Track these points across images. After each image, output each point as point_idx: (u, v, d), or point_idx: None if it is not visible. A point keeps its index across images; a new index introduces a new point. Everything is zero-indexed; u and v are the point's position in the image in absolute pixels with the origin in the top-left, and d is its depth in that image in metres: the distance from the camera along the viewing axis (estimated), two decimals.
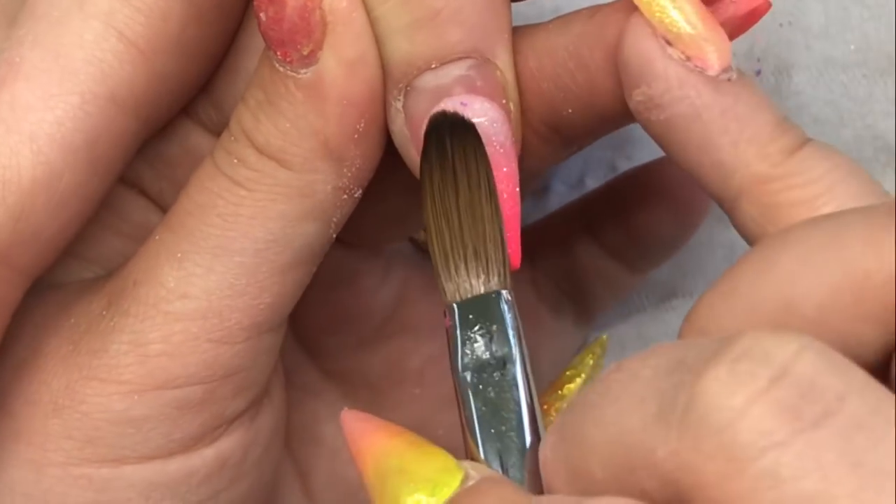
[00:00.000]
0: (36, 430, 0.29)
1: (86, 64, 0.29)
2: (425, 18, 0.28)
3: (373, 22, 0.28)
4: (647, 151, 0.39)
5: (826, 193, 0.27)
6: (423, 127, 0.28)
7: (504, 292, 0.28)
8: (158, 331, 0.29)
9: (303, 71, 0.28)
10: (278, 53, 0.28)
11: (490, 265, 0.28)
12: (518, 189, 0.29)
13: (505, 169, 0.29)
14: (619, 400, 0.23)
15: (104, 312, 0.30)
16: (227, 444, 0.30)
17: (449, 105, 0.28)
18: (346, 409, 0.27)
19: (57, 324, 0.30)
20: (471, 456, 0.28)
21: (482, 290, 0.28)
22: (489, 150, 0.28)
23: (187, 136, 0.32)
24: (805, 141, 0.28)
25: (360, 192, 0.29)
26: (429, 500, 0.25)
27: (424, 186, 0.28)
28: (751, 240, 0.28)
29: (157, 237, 0.30)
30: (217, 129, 0.31)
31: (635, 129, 0.39)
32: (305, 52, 0.28)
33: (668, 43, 0.27)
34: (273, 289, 0.29)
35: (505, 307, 0.28)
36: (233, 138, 0.29)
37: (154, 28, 0.29)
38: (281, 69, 0.28)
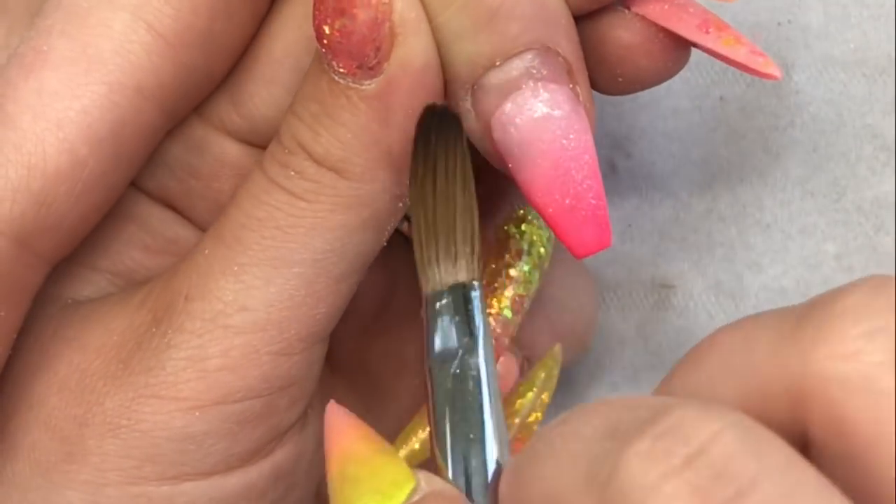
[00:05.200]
0: (91, 451, 0.29)
1: (114, 55, 0.29)
2: (485, 18, 0.28)
3: (435, 29, 0.28)
4: (646, 150, 0.39)
5: None
6: (494, 124, 0.29)
7: (474, 283, 0.28)
8: (218, 345, 0.29)
9: (366, 83, 0.28)
10: (341, 66, 0.28)
11: (459, 257, 0.28)
12: (599, 173, 0.29)
13: (587, 157, 0.29)
14: (557, 456, 0.24)
15: (153, 329, 0.29)
16: (282, 456, 0.30)
17: (520, 100, 0.28)
18: (332, 402, 0.27)
19: (100, 343, 0.30)
20: (433, 452, 0.28)
21: (451, 281, 0.28)
22: (564, 142, 0.29)
23: (212, 145, 0.32)
24: None
25: None
26: None
27: (410, 178, 0.28)
28: None
29: (206, 252, 0.29)
30: (239, 134, 0.31)
31: (635, 128, 0.39)
32: (371, 65, 0.28)
33: None
34: (328, 299, 0.29)
35: (473, 297, 0.28)
36: (287, 151, 0.29)
37: (183, 21, 0.29)
38: (342, 82, 0.28)
